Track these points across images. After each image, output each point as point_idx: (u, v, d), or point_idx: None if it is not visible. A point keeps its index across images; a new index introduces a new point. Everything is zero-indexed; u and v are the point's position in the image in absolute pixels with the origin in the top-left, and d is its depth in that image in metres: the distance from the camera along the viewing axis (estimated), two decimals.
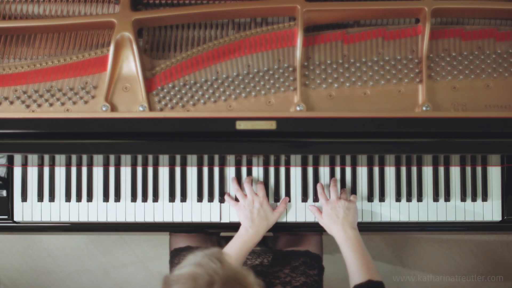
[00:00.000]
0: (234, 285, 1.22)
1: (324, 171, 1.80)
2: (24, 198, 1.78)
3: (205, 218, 1.79)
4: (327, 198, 1.75)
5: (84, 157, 1.79)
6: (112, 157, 1.79)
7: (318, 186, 1.77)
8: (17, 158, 1.78)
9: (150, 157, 1.79)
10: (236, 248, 1.69)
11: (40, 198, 1.79)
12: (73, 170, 1.79)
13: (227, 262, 1.26)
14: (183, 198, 1.79)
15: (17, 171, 1.79)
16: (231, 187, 1.78)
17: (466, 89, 1.71)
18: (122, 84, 1.70)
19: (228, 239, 2.04)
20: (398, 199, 1.80)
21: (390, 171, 1.81)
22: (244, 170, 1.80)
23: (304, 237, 1.86)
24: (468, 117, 1.66)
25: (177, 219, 1.79)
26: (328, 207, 1.72)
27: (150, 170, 1.80)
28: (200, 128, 1.65)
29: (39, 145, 1.66)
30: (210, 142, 1.67)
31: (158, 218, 1.79)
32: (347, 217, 1.70)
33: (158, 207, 1.79)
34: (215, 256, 1.26)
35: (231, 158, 1.79)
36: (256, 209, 1.73)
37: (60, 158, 1.79)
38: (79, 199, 1.79)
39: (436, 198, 1.79)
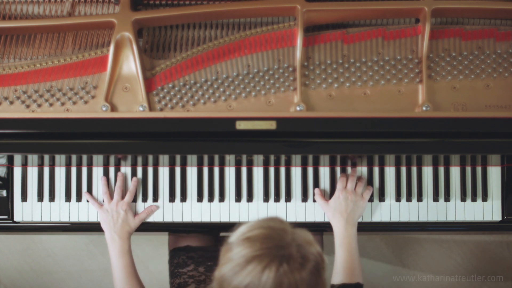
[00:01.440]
0: (303, 241, 1.21)
1: (324, 171, 1.80)
2: (24, 198, 1.78)
3: (205, 218, 1.79)
4: (345, 185, 1.74)
5: (84, 157, 1.79)
6: (112, 157, 1.79)
7: (343, 174, 1.77)
8: (17, 158, 1.78)
9: (150, 157, 1.79)
10: (120, 263, 1.67)
11: (40, 198, 1.79)
12: (73, 170, 1.79)
13: (288, 223, 1.25)
14: (183, 198, 1.79)
15: (17, 171, 1.79)
16: (100, 187, 1.77)
17: (466, 89, 1.71)
18: (122, 84, 1.70)
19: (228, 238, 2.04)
20: (398, 199, 1.80)
21: (390, 171, 1.81)
22: (244, 170, 1.80)
23: None
24: (468, 117, 1.66)
25: (177, 219, 1.79)
26: (342, 195, 1.71)
27: (150, 170, 1.80)
28: (200, 128, 1.65)
29: (39, 145, 1.66)
30: (210, 142, 1.67)
31: (158, 218, 1.79)
32: (353, 213, 1.70)
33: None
34: (277, 219, 1.25)
35: (231, 158, 1.79)
36: (118, 215, 1.71)
37: (60, 158, 1.79)
38: (79, 199, 1.79)
39: (436, 198, 1.79)
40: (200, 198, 1.79)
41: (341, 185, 1.74)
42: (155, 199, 1.78)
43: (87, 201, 1.78)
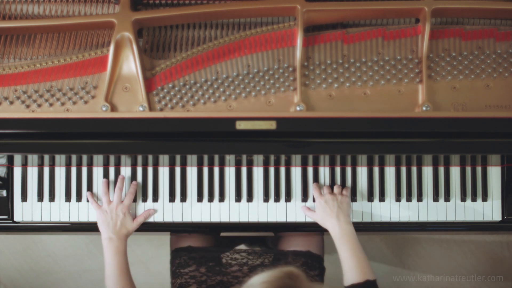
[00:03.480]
0: None
1: (324, 171, 1.80)
2: (24, 198, 1.78)
3: (205, 218, 1.79)
4: (321, 192, 1.75)
5: (84, 157, 1.79)
6: (112, 157, 1.79)
7: (314, 183, 1.78)
8: (17, 158, 1.78)
9: (150, 157, 1.79)
10: (115, 262, 1.68)
11: (40, 198, 1.79)
12: (73, 170, 1.79)
13: (305, 279, 1.26)
14: (183, 198, 1.79)
15: (17, 171, 1.79)
16: (100, 188, 1.78)
17: (466, 89, 1.71)
18: (122, 84, 1.70)
19: (228, 238, 2.04)
20: (398, 199, 1.80)
21: (390, 171, 1.81)
22: (244, 170, 1.80)
23: (305, 237, 1.86)
24: (468, 117, 1.66)
25: (177, 219, 1.79)
26: (322, 200, 1.73)
27: (150, 170, 1.80)
28: (200, 128, 1.65)
29: (39, 145, 1.66)
30: (210, 142, 1.67)
31: (158, 218, 1.79)
32: (342, 210, 1.70)
33: (158, 207, 1.79)
34: (294, 275, 1.26)
35: (231, 158, 1.79)
36: (118, 217, 1.72)
37: (60, 158, 1.79)
38: (79, 199, 1.79)
39: (436, 198, 1.79)
40: (200, 198, 1.79)
41: (317, 193, 1.75)
42: (155, 199, 1.78)
43: (87, 201, 1.78)
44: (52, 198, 1.79)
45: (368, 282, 1.60)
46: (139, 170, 1.80)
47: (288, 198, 1.79)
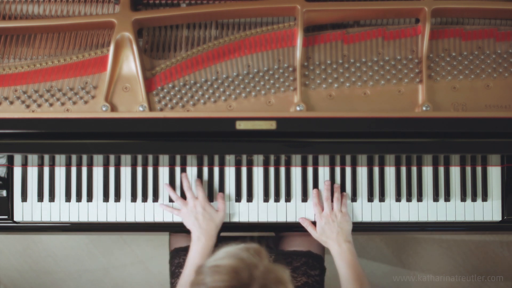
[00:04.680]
0: (273, 280, 1.21)
1: (324, 171, 1.80)
2: (24, 198, 1.78)
3: None
4: (321, 210, 1.75)
5: (84, 157, 1.79)
6: (112, 157, 1.79)
7: (314, 195, 1.77)
8: (17, 158, 1.78)
9: (150, 157, 1.79)
10: (199, 259, 1.67)
11: (40, 198, 1.79)
12: (73, 170, 1.79)
13: (266, 258, 1.25)
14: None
15: (17, 171, 1.79)
16: (170, 195, 1.77)
17: (466, 89, 1.71)
18: (122, 84, 1.70)
19: (228, 239, 2.04)
20: (398, 199, 1.80)
21: (390, 171, 1.81)
22: (244, 170, 1.80)
23: (306, 237, 1.86)
24: (468, 117, 1.66)
25: (177, 219, 1.79)
26: (322, 222, 1.73)
27: (150, 170, 1.80)
28: (200, 128, 1.65)
29: (39, 145, 1.66)
30: (210, 142, 1.67)
31: (158, 218, 1.79)
32: (342, 231, 1.71)
33: (158, 207, 1.79)
34: (255, 251, 1.25)
35: (231, 158, 1.79)
36: (200, 214, 1.71)
37: (60, 158, 1.79)
38: (79, 199, 1.79)
39: (436, 198, 1.79)
40: None
41: (318, 211, 1.75)
42: (155, 199, 1.78)
43: (87, 201, 1.78)
44: (52, 198, 1.79)
45: None
46: (139, 170, 1.80)
47: (288, 198, 1.79)
